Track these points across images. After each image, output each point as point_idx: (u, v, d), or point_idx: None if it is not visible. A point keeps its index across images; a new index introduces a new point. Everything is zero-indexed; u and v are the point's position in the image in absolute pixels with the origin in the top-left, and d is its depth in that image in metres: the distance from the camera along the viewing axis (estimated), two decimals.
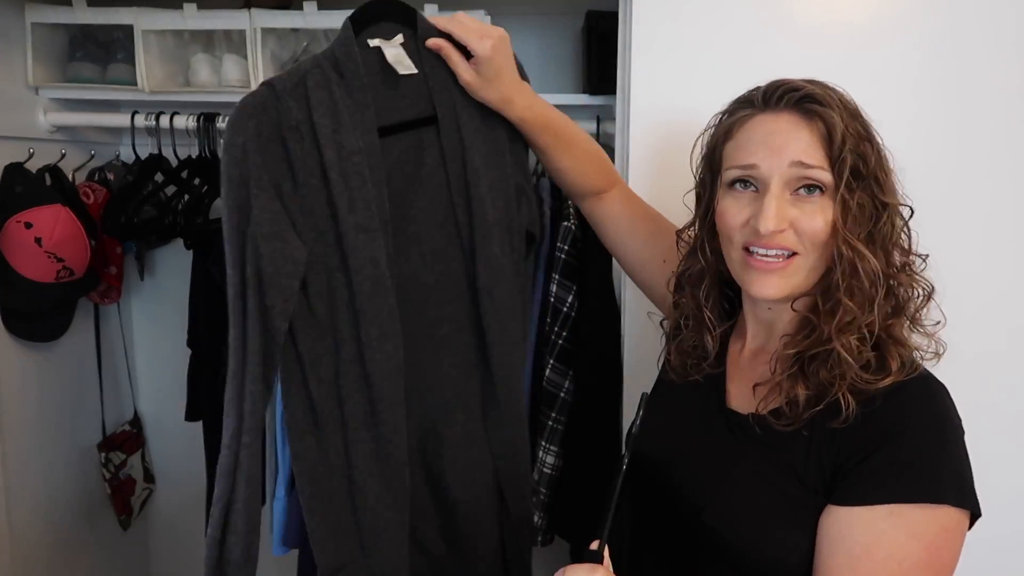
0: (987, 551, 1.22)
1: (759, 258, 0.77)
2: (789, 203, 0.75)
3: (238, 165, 0.88)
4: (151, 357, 1.92)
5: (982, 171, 1.16)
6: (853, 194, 0.74)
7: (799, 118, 0.75)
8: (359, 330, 0.95)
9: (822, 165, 0.74)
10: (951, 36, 1.13)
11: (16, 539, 1.50)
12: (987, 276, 1.17)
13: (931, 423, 0.72)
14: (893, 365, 0.73)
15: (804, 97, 0.76)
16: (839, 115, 0.74)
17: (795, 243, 0.76)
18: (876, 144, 0.76)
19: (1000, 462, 1.21)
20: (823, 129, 0.74)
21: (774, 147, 0.76)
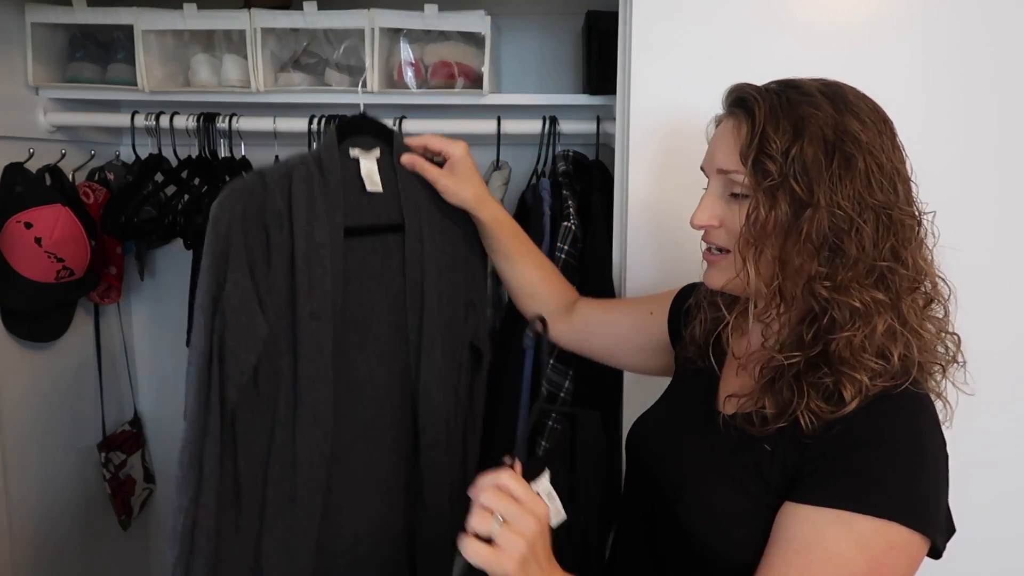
0: (988, 553, 1.23)
1: (705, 251, 0.84)
2: (725, 202, 0.79)
3: (221, 241, 0.92)
4: (151, 357, 1.92)
5: (987, 171, 1.16)
6: (768, 195, 0.73)
7: (731, 122, 0.79)
8: (295, 413, 0.99)
9: (738, 169, 0.76)
10: (953, 34, 1.13)
11: (16, 539, 1.50)
12: (993, 276, 1.17)
13: (903, 438, 0.70)
14: (847, 394, 0.70)
15: (735, 101, 0.79)
16: (762, 114, 0.74)
17: (726, 241, 0.80)
18: (819, 141, 0.72)
19: (1001, 464, 1.22)
20: (744, 131, 0.76)
21: (710, 152, 0.82)
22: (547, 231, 1.36)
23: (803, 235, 0.72)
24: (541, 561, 0.70)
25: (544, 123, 1.46)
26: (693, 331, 0.93)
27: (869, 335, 0.71)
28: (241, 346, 0.94)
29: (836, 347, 0.72)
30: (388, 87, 1.49)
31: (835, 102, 0.74)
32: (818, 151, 0.72)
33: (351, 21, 1.44)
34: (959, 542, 1.24)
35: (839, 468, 0.70)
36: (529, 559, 0.68)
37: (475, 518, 0.69)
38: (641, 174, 1.20)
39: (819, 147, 0.72)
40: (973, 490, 1.21)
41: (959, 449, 1.22)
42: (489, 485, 0.70)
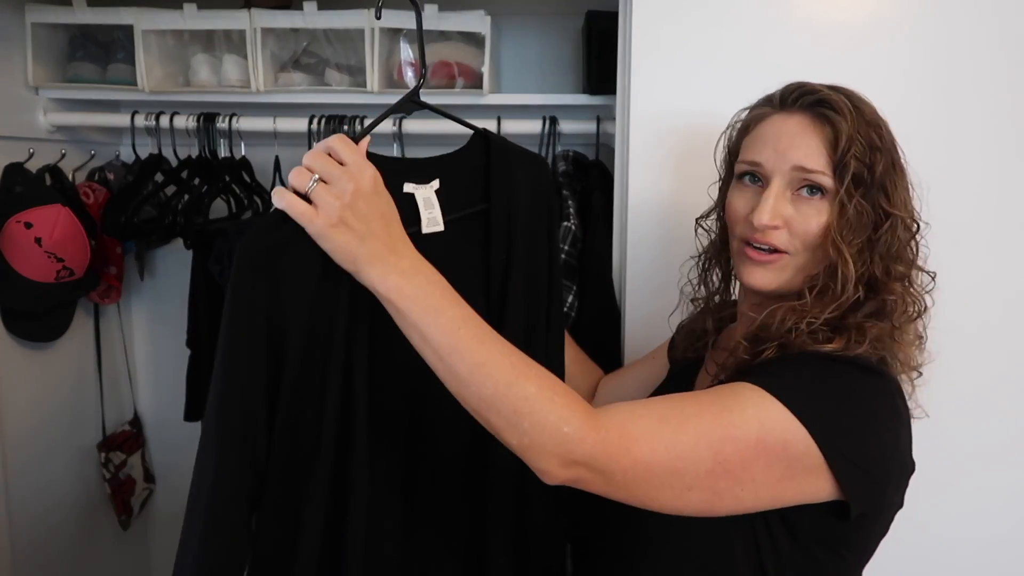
0: (987, 551, 1.23)
1: (753, 250, 0.80)
2: (788, 202, 0.78)
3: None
4: (151, 357, 1.92)
5: (988, 171, 1.16)
6: (852, 200, 0.75)
7: (809, 121, 0.78)
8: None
9: (823, 170, 0.76)
10: (956, 35, 1.13)
11: (16, 539, 1.49)
12: (987, 275, 1.17)
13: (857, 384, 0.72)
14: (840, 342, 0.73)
15: (817, 101, 0.78)
16: (850, 121, 0.75)
17: (787, 243, 0.78)
18: (890, 155, 0.77)
19: (1001, 465, 1.22)
20: (830, 134, 0.76)
21: (780, 148, 0.78)
22: None
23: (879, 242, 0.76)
24: (373, 228, 0.70)
25: (544, 123, 1.46)
26: (694, 324, 0.96)
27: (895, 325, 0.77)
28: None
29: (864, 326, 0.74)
30: (388, 87, 1.49)
31: (878, 115, 0.79)
32: (889, 163, 0.77)
33: (351, 21, 1.44)
34: (958, 541, 1.24)
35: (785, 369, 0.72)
36: (349, 221, 0.69)
37: (293, 174, 0.70)
38: (641, 174, 1.20)
39: (889, 159, 0.77)
40: (962, 488, 1.22)
41: (951, 445, 1.22)
42: (317, 147, 0.72)
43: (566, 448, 0.65)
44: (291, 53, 1.54)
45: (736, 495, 0.68)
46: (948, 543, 1.23)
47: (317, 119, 1.48)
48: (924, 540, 1.21)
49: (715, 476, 0.66)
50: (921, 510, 1.21)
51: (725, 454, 0.66)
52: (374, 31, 1.43)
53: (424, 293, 0.70)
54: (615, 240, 1.29)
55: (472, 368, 0.67)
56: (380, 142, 1.50)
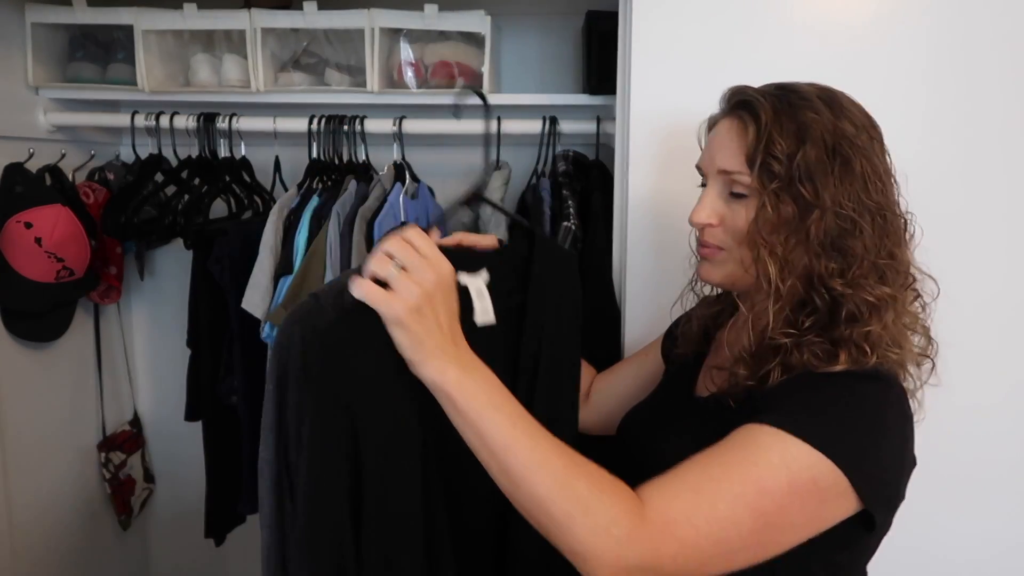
0: (987, 552, 1.23)
1: (701, 246, 0.85)
2: (724, 201, 0.81)
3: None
4: (151, 357, 1.92)
5: (991, 169, 1.15)
6: (771, 197, 0.76)
7: (733, 123, 0.81)
8: None
9: (742, 170, 0.78)
10: (956, 35, 1.13)
11: (16, 539, 1.50)
12: (990, 276, 1.17)
13: (863, 396, 0.72)
14: (842, 357, 0.73)
15: (739, 103, 0.80)
16: (766, 119, 0.76)
17: (722, 239, 0.82)
18: (824, 146, 0.75)
19: (999, 466, 1.22)
20: (750, 135, 0.78)
21: (711, 152, 0.83)
22: (547, 231, 1.36)
23: (810, 235, 0.75)
24: (440, 320, 0.70)
25: (544, 123, 1.46)
26: (688, 328, 0.98)
27: (885, 327, 0.75)
28: None
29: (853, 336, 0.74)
30: (388, 87, 1.49)
31: (832, 107, 0.78)
32: (821, 154, 0.75)
33: (351, 21, 1.44)
34: (956, 540, 1.24)
35: (794, 400, 0.72)
36: (424, 310, 0.69)
37: (374, 261, 0.70)
38: (641, 174, 1.20)
39: (821, 150, 0.75)
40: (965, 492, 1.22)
41: (950, 448, 1.22)
42: (395, 236, 0.71)
43: (618, 554, 0.64)
44: (291, 53, 1.54)
45: (779, 542, 0.68)
46: (948, 541, 1.23)
47: (317, 119, 1.48)
48: (924, 539, 1.21)
49: (757, 532, 0.66)
50: (920, 509, 1.22)
51: (762, 509, 0.66)
52: (374, 31, 1.43)
53: (482, 389, 0.70)
54: (615, 240, 1.29)
55: (526, 467, 0.67)
56: (380, 142, 1.50)
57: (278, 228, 1.39)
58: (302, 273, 1.33)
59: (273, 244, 1.37)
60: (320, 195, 1.43)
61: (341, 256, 1.34)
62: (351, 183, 1.44)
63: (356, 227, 1.34)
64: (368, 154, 1.51)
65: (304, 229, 1.37)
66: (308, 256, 1.34)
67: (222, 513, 1.54)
